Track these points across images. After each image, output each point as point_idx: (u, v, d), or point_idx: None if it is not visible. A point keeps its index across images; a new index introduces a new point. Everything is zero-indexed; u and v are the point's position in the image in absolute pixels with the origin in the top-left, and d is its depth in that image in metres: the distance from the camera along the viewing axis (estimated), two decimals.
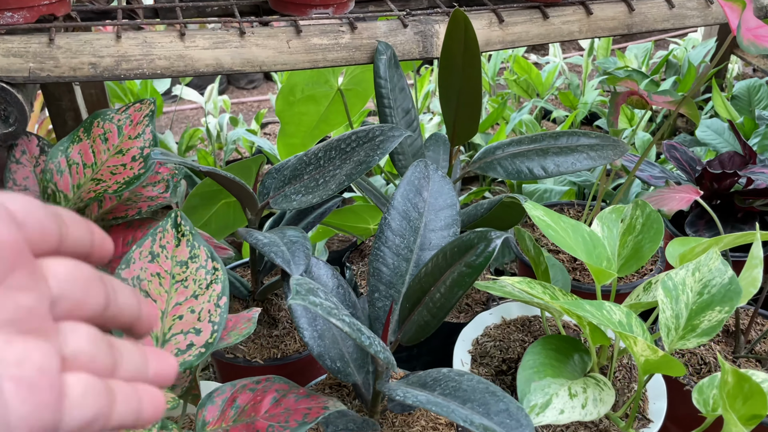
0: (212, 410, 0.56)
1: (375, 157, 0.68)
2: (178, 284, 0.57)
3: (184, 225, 0.59)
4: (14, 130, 0.73)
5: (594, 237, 0.67)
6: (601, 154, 0.80)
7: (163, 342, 0.55)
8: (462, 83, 0.74)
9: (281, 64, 0.80)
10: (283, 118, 1.20)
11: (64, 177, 0.70)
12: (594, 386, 0.60)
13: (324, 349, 0.64)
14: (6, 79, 0.71)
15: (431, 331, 0.58)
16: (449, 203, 0.68)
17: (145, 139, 0.72)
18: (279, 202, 0.74)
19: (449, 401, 0.53)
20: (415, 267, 0.65)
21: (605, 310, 0.58)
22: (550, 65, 2.19)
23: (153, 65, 0.75)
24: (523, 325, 0.82)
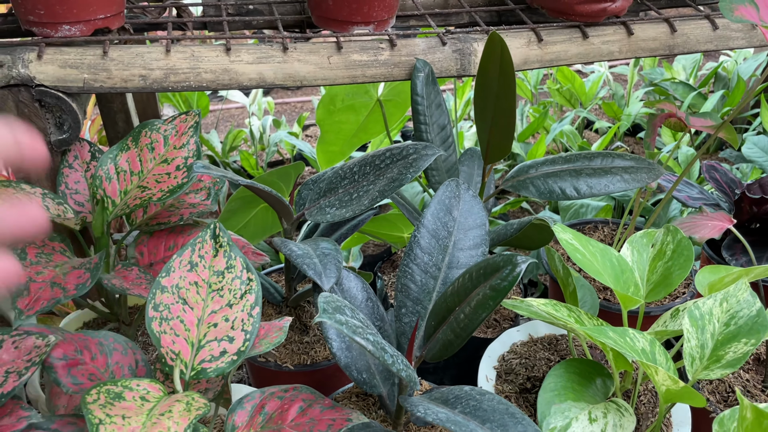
0: (242, 415, 0.59)
1: (408, 175, 0.70)
2: (214, 293, 0.60)
3: (222, 236, 0.62)
4: (68, 137, 0.77)
5: (622, 262, 0.68)
6: (635, 177, 0.80)
7: (198, 348, 0.57)
8: (496, 105, 0.75)
9: (321, 80, 0.82)
10: (323, 126, 1.22)
11: (113, 183, 0.74)
12: (615, 411, 0.61)
13: (351, 360, 0.67)
14: (62, 89, 0.75)
15: (455, 350, 0.59)
16: (479, 223, 0.69)
17: (190, 150, 0.75)
18: (314, 215, 0.76)
19: (469, 420, 0.54)
20: (442, 285, 0.67)
21: (628, 338, 0.58)
22: (594, 75, 2.17)
23: (199, 78, 0.78)
24: (550, 343, 0.82)
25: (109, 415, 0.47)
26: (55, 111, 0.76)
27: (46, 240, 0.69)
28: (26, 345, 0.56)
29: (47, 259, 0.67)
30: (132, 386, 0.52)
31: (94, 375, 0.58)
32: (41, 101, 0.75)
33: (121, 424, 0.47)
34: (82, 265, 0.67)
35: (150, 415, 0.49)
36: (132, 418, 0.48)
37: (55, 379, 0.56)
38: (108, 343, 0.60)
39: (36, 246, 0.67)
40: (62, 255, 0.69)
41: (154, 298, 0.57)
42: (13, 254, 0.33)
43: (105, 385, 0.51)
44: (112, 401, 0.49)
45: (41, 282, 0.63)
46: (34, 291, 0.61)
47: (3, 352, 0.55)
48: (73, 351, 0.58)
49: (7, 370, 0.54)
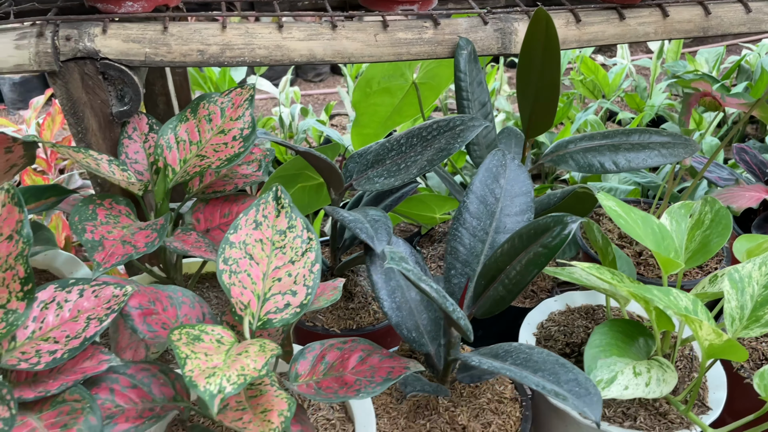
0: (304, 364, 0.62)
1: (455, 145, 0.73)
2: (278, 250, 0.63)
3: (283, 198, 0.65)
4: (129, 109, 0.81)
5: (663, 229, 0.70)
6: (672, 151, 0.83)
7: (264, 300, 0.61)
8: (540, 79, 0.78)
9: (368, 56, 0.86)
10: (358, 109, 1.26)
11: (173, 152, 0.77)
12: (657, 367, 0.64)
13: (401, 320, 0.70)
14: (125, 62, 0.79)
15: (505, 305, 0.62)
16: (524, 190, 0.72)
17: (245, 121, 0.78)
18: (362, 184, 0.79)
19: (521, 369, 0.58)
20: (489, 248, 0.70)
21: (672, 296, 0.61)
22: (617, 66, 2.18)
23: (253, 54, 0.82)
24: (587, 312, 0.85)
25: (194, 351, 0.51)
26: (117, 83, 0.80)
27: (113, 203, 0.73)
28: (105, 294, 0.60)
29: (115, 220, 0.71)
30: (207, 330, 0.56)
31: (167, 325, 0.61)
32: (105, 74, 0.79)
33: (204, 359, 0.50)
34: (148, 226, 0.70)
35: (228, 354, 0.52)
36: (213, 356, 0.51)
37: (132, 326, 0.59)
38: (177, 297, 0.64)
39: (105, 208, 0.71)
40: (127, 218, 0.73)
41: (224, 253, 0.61)
42: None
43: (185, 328, 0.54)
44: (192, 341, 0.53)
45: (113, 240, 0.67)
46: (108, 247, 0.65)
47: (84, 300, 0.59)
48: (147, 302, 0.61)
49: (89, 316, 0.58)
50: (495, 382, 0.76)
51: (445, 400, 0.73)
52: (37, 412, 0.54)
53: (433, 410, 0.71)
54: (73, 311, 0.59)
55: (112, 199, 0.73)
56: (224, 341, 0.55)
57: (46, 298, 0.59)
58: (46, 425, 0.53)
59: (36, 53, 0.76)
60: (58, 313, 0.58)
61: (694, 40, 3.54)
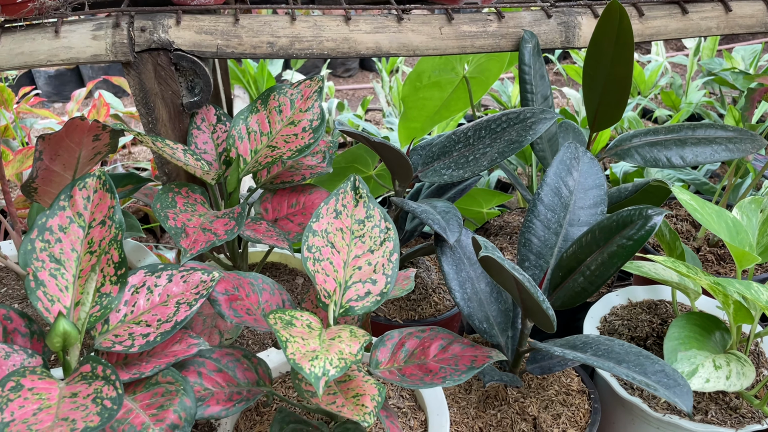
0: (384, 352, 0.63)
1: (527, 137, 0.74)
2: (357, 239, 0.64)
3: (361, 188, 0.66)
4: (199, 100, 0.82)
5: (737, 223, 0.70)
6: (739, 146, 0.82)
7: (345, 288, 0.62)
8: (610, 72, 0.78)
9: (432, 49, 0.86)
10: (407, 103, 1.26)
11: (244, 143, 0.78)
12: (736, 361, 0.64)
13: (472, 310, 0.70)
14: (197, 54, 0.80)
15: (586, 297, 0.63)
16: (597, 183, 0.72)
17: (314, 113, 0.79)
18: (429, 176, 0.80)
19: (605, 360, 0.58)
20: (563, 241, 0.70)
21: (753, 290, 0.61)
22: (653, 64, 2.17)
23: (321, 46, 0.82)
24: (649, 307, 0.85)
25: (292, 335, 0.51)
26: (188, 75, 0.81)
27: (189, 192, 0.74)
28: (193, 279, 0.61)
29: (192, 208, 0.72)
30: (297, 316, 0.56)
31: (250, 310, 0.62)
32: (177, 65, 0.80)
33: (303, 343, 0.51)
34: (225, 214, 0.71)
35: (321, 339, 0.53)
36: (309, 340, 0.52)
37: (219, 311, 0.60)
38: (258, 284, 0.65)
39: (182, 196, 0.72)
40: (203, 206, 0.74)
41: (308, 240, 0.62)
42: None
43: (277, 313, 0.55)
44: (286, 326, 0.53)
45: (193, 227, 0.68)
46: (191, 234, 0.66)
47: (173, 285, 0.60)
48: (232, 288, 0.62)
49: (178, 301, 0.59)
50: (561, 374, 0.76)
51: (514, 391, 0.73)
52: (131, 393, 0.56)
53: (503, 401, 0.72)
54: (162, 296, 0.60)
55: (189, 188, 0.74)
56: (314, 327, 0.56)
57: (137, 283, 0.60)
58: (141, 406, 0.54)
59: (112, 44, 0.77)
60: (149, 297, 0.59)
61: (726, 38, 3.51)
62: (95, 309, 0.57)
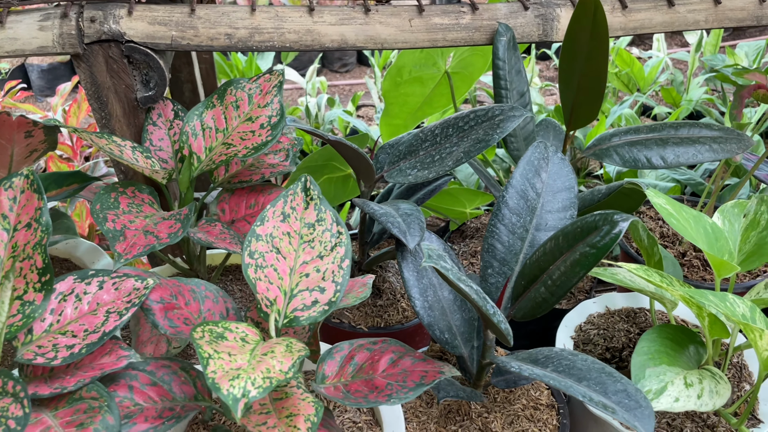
0: (331, 365, 0.59)
1: (494, 136, 0.69)
2: (306, 244, 0.60)
3: (312, 190, 0.62)
4: (154, 94, 0.78)
5: (716, 229, 0.66)
6: (724, 147, 0.78)
7: (291, 297, 0.58)
8: (585, 67, 0.73)
9: (402, 42, 0.82)
10: (388, 99, 1.22)
11: (198, 139, 0.74)
12: (710, 378, 0.59)
13: (433, 320, 0.66)
14: (151, 46, 0.76)
15: (548, 308, 0.59)
16: (567, 185, 0.68)
17: (273, 108, 0.75)
18: (394, 176, 0.76)
19: (564, 377, 0.54)
20: (529, 247, 0.66)
21: (728, 302, 0.57)
22: (653, 60, 2.11)
23: (283, 38, 0.78)
24: (627, 315, 0.81)
25: (217, 351, 0.47)
26: (142, 68, 0.77)
27: (136, 191, 0.70)
28: (126, 287, 0.57)
29: (137, 209, 0.68)
30: (231, 328, 0.52)
31: (189, 320, 0.58)
32: (130, 57, 0.76)
33: (228, 360, 0.47)
34: (172, 216, 0.67)
35: (253, 354, 0.49)
36: (237, 356, 0.48)
37: (153, 321, 0.57)
38: (200, 291, 0.61)
39: (128, 196, 0.69)
40: (150, 207, 0.70)
41: (250, 246, 0.58)
42: None
43: (208, 325, 0.51)
44: (216, 340, 0.50)
45: (134, 230, 0.64)
46: (130, 237, 0.62)
47: (104, 293, 0.57)
48: (169, 295, 0.59)
49: (108, 309, 0.56)
50: (530, 387, 0.72)
51: (478, 405, 0.69)
52: (53, 409, 0.52)
53: (465, 416, 0.68)
54: (92, 304, 0.56)
55: (135, 187, 0.70)
56: (249, 340, 0.52)
57: (64, 290, 0.56)
58: (61, 423, 0.50)
59: (60, 35, 0.74)
60: (77, 305, 0.56)
61: (732, 33, 3.44)
62: (17, 318, 0.54)
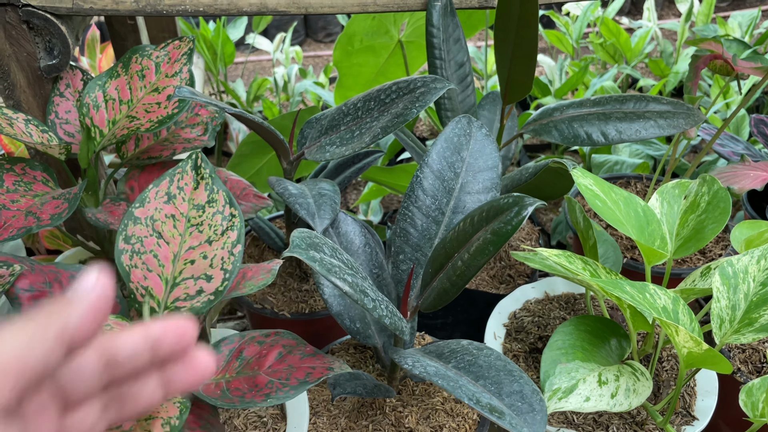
0: (219, 359, 0.55)
1: (413, 110, 0.64)
2: (193, 228, 0.55)
3: (204, 168, 0.57)
4: (58, 63, 0.73)
5: (648, 212, 0.61)
6: (671, 122, 0.72)
7: (173, 286, 0.53)
8: (517, 35, 0.68)
9: (328, 7, 0.76)
10: (341, 69, 1.16)
11: (101, 112, 0.69)
12: (629, 375, 0.55)
13: (344, 308, 0.62)
14: (50, 10, 0.70)
15: (451, 299, 0.54)
16: (490, 165, 0.62)
17: (182, 78, 0.70)
18: (313, 153, 0.71)
19: (461, 375, 0.49)
20: (445, 230, 0.61)
21: (648, 294, 0.52)
22: (641, 30, 2.03)
23: (195, 2, 0.72)
24: (567, 302, 0.76)
25: None
26: (44, 34, 0.72)
27: (27, 168, 0.65)
28: None
29: (26, 188, 0.63)
30: None
31: None
32: (29, 23, 0.70)
33: None
34: (61, 195, 0.63)
35: None
36: None
37: (20, 311, 0.52)
38: None
39: (15, 173, 0.64)
40: (44, 185, 0.65)
41: (126, 230, 0.53)
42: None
43: None
44: None
45: (15, 210, 0.59)
46: (7, 219, 0.58)
47: None
48: (42, 283, 0.54)
49: None
50: None
51: (393, 399, 0.65)
52: None
53: (379, 410, 0.64)
54: None
55: (27, 163, 0.65)
56: None
57: None
58: None
59: None
60: None
61: (731, 4, 3.33)
62: None
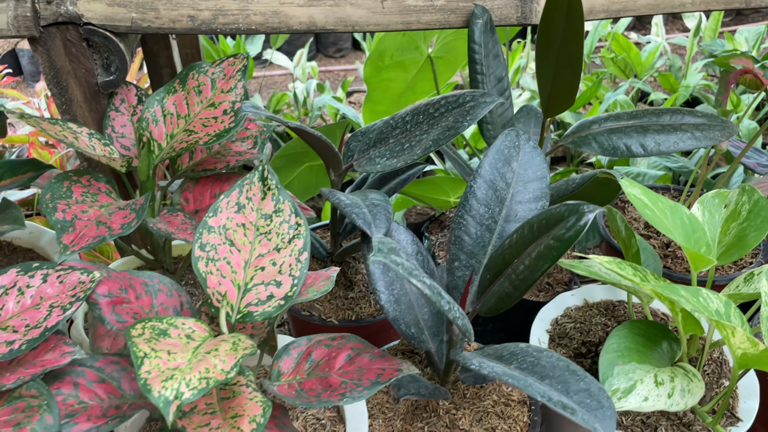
0: (288, 362, 0.57)
1: (464, 123, 0.66)
2: (262, 236, 0.58)
3: (270, 179, 0.59)
4: (115, 79, 0.76)
5: (693, 221, 0.63)
6: (707, 134, 0.75)
7: (245, 291, 0.55)
8: (561, 52, 0.70)
9: (374, 25, 0.79)
10: (370, 84, 1.19)
11: (159, 126, 0.72)
12: (682, 376, 0.57)
13: (399, 314, 0.64)
14: (110, 28, 0.73)
15: (512, 303, 0.56)
16: (539, 175, 0.65)
17: (237, 94, 0.72)
18: (363, 165, 0.73)
19: (526, 375, 0.51)
20: (498, 238, 0.63)
21: (702, 297, 0.54)
22: (651, 45, 2.07)
23: (248, 20, 0.75)
24: (606, 309, 0.78)
25: (155, 349, 0.45)
26: (103, 51, 0.74)
27: (92, 180, 0.67)
28: (71, 280, 0.55)
29: (93, 198, 0.66)
30: (177, 324, 0.50)
31: (139, 314, 0.56)
32: (89, 40, 0.73)
33: (167, 359, 0.45)
34: (127, 206, 0.65)
35: (195, 352, 0.47)
36: (177, 354, 0.46)
37: (99, 315, 0.54)
38: (153, 284, 0.59)
39: (82, 185, 0.66)
40: (107, 196, 0.68)
41: (201, 238, 0.55)
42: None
43: (150, 321, 0.49)
44: (157, 337, 0.47)
45: (86, 220, 0.62)
46: (80, 228, 0.60)
47: (48, 286, 0.54)
48: (118, 289, 0.56)
49: (52, 304, 0.53)
50: (502, 383, 0.70)
51: (446, 401, 0.67)
52: None
53: (433, 412, 0.66)
54: (35, 298, 0.54)
55: (91, 175, 0.68)
56: (195, 336, 0.50)
57: (6, 283, 0.54)
58: None
59: (14, 17, 0.71)
60: (19, 299, 0.53)
61: (734, 19, 3.39)
62: None
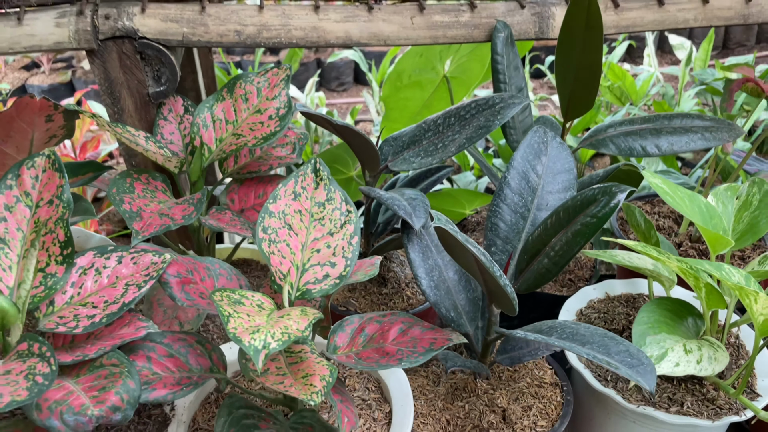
0: (342, 337, 0.61)
1: (495, 122, 0.72)
2: (316, 222, 0.62)
3: (322, 171, 0.64)
4: (165, 89, 0.81)
5: (710, 208, 0.68)
6: (716, 135, 0.81)
7: (303, 271, 0.60)
8: (581, 59, 0.77)
9: (404, 39, 0.85)
10: (388, 104, 1.25)
11: (209, 131, 0.77)
12: (708, 346, 0.61)
13: (439, 299, 0.68)
14: (163, 42, 0.79)
15: (551, 278, 0.61)
16: (567, 168, 0.70)
17: (281, 101, 0.78)
18: (398, 164, 0.78)
19: (569, 342, 0.56)
20: (531, 225, 0.68)
21: (724, 271, 0.59)
22: (644, 74, 2.16)
23: (290, 35, 0.81)
24: (627, 301, 0.83)
25: (236, 311, 0.49)
26: (154, 64, 0.80)
27: (150, 178, 0.72)
28: (144, 261, 0.59)
29: (151, 195, 0.70)
30: (248, 296, 0.54)
31: (204, 294, 0.60)
32: (142, 53, 0.79)
33: (247, 319, 0.49)
34: (184, 200, 0.70)
35: (270, 317, 0.51)
36: (255, 317, 0.50)
37: (171, 293, 0.58)
38: (214, 268, 0.63)
39: (142, 182, 0.71)
40: (164, 194, 0.72)
41: (263, 222, 0.60)
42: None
43: (225, 292, 0.53)
44: (234, 304, 0.51)
45: (150, 212, 0.66)
46: (146, 217, 0.65)
47: (123, 267, 0.58)
48: (185, 271, 0.61)
49: (127, 282, 0.57)
50: (534, 366, 0.74)
51: (484, 383, 0.71)
52: (74, 376, 0.54)
53: (472, 392, 0.70)
54: (111, 277, 0.58)
55: (149, 174, 0.73)
56: (265, 306, 0.54)
57: (84, 264, 0.58)
58: (83, 389, 0.52)
59: (76, 31, 0.77)
60: (97, 279, 0.58)
61: (720, 53, 3.52)
62: (39, 289, 0.55)
